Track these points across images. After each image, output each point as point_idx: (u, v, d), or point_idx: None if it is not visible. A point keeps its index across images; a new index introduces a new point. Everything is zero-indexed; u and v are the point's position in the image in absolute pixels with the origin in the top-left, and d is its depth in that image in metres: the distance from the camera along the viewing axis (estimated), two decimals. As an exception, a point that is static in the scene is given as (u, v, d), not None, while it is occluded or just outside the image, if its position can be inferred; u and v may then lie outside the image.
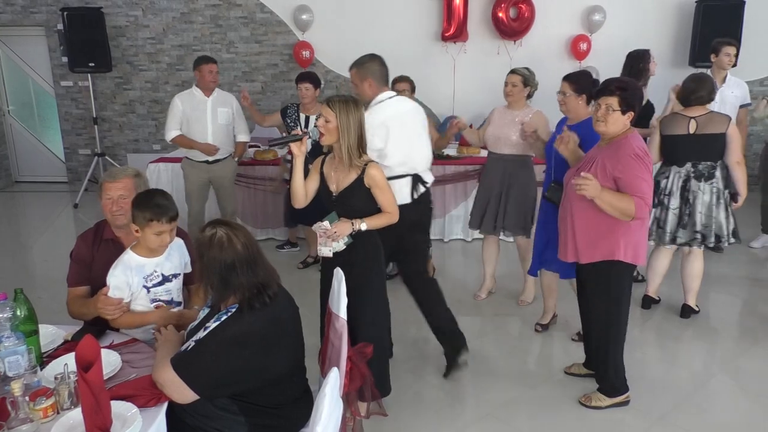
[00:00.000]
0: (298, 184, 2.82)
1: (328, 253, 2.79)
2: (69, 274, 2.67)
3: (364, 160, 2.77)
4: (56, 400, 1.82)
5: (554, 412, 3.14)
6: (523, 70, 4.09)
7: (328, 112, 2.71)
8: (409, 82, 4.51)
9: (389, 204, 2.82)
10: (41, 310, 2.22)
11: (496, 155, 4.22)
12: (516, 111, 4.13)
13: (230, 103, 4.97)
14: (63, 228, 6.72)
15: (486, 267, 4.54)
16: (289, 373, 2.13)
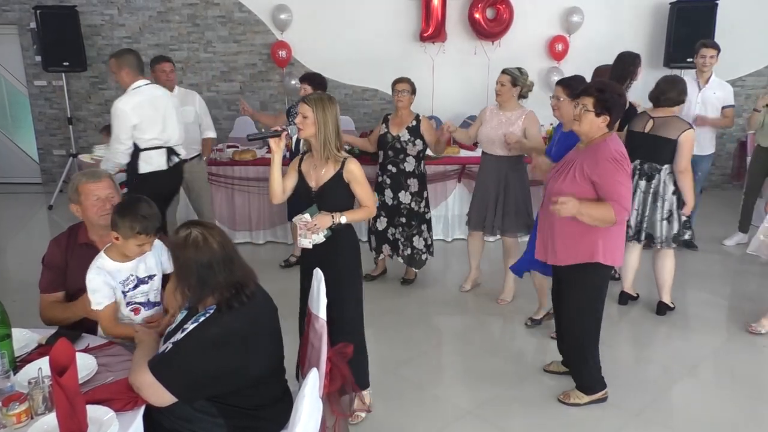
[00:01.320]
0: (276, 179, 2.87)
1: (308, 245, 2.84)
2: (41, 279, 2.62)
3: (342, 155, 2.84)
4: (30, 405, 1.79)
5: (534, 410, 3.16)
6: (513, 70, 4.11)
7: (305, 108, 2.79)
8: (409, 83, 4.49)
9: (367, 198, 2.91)
10: (15, 314, 2.18)
11: (491, 156, 4.24)
12: (508, 112, 4.15)
13: (193, 100, 4.93)
14: (37, 230, 6.59)
15: (472, 260, 4.61)
16: (268, 374, 2.12)
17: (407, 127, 4.43)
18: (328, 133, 2.79)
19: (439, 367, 3.68)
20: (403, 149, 4.44)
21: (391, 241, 4.65)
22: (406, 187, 4.51)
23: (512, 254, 4.33)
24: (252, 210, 5.70)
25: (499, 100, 4.17)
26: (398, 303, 4.48)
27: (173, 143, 4.21)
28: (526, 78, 4.15)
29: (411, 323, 4.18)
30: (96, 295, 2.36)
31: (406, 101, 4.44)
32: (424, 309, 4.41)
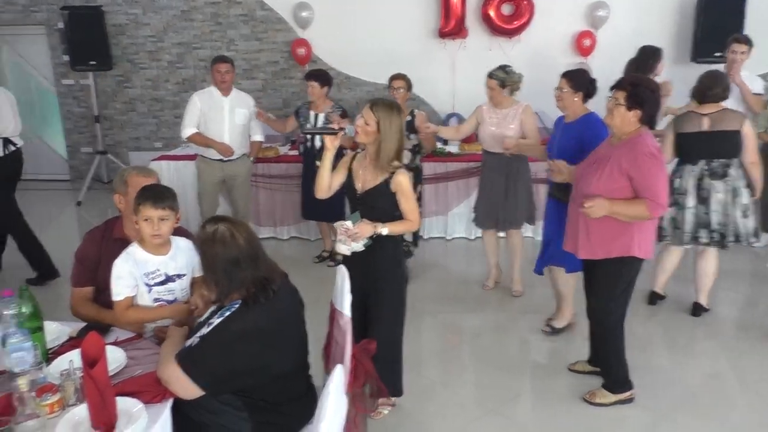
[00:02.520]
0: (325, 175, 2.85)
1: (346, 252, 2.81)
2: (73, 273, 2.67)
3: (394, 165, 2.77)
4: (62, 396, 1.82)
5: (558, 409, 3.14)
6: (498, 73, 4.15)
7: (370, 116, 2.73)
8: (405, 80, 4.53)
9: (411, 212, 2.82)
10: (45, 308, 2.22)
11: (494, 155, 4.26)
12: (504, 109, 4.18)
13: (248, 103, 4.96)
14: (66, 226, 6.72)
15: (490, 258, 4.62)
16: (292, 370, 2.13)
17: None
18: (388, 146, 2.72)
19: (461, 364, 3.67)
20: None
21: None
22: None
23: (518, 246, 4.41)
24: (276, 206, 5.75)
25: (493, 102, 4.23)
26: (417, 300, 4.47)
27: (9, 134, 4.79)
28: (513, 76, 4.17)
29: (431, 321, 4.18)
30: (118, 283, 2.40)
31: (402, 98, 4.51)
32: (444, 306, 4.40)
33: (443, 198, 5.66)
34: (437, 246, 5.66)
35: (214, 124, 4.80)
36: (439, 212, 5.74)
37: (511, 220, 4.31)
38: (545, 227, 3.80)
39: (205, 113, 4.80)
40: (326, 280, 2.99)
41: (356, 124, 2.79)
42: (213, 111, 4.80)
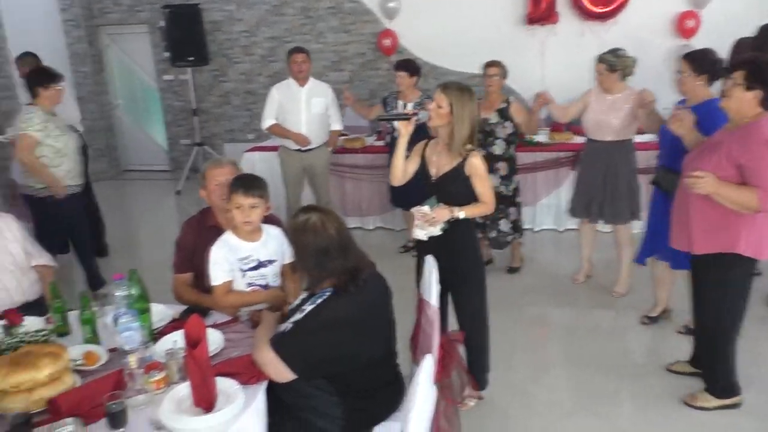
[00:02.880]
0: (399, 161, 2.87)
1: (423, 237, 2.82)
2: (174, 260, 2.82)
3: (467, 148, 2.77)
4: (167, 373, 1.94)
5: (654, 411, 3.00)
6: (607, 56, 3.90)
7: (442, 99, 2.73)
8: (500, 67, 4.41)
9: (486, 194, 2.81)
10: (149, 291, 2.36)
11: (597, 142, 4.06)
12: (615, 95, 3.95)
13: (325, 92, 5.03)
14: (166, 213, 7.13)
15: (583, 251, 4.46)
16: (380, 358, 2.16)
17: (496, 110, 4.35)
18: (461, 128, 2.72)
19: (549, 359, 3.57)
20: (492, 132, 4.37)
21: (479, 224, 4.58)
22: (495, 170, 4.42)
23: (626, 243, 4.15)
24: (362, 196, 5.83)
25: (602, 87, 3.99)
26: (505, 292, 4.40)
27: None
28: (625, 60, 3.90)
29: (518, 313, 4.10)
30: (215, 268, 2.52)
31: (496, 85, 4.38)
32: (531, 299, 4.31)
33: (531, 188, 5.52)
34: (525, 237, 5.51)
35: (291, 115, 4.92)
36: (527, 203, 5.58)
37: (614, 213, 4.08)
38: (650, 217, 3.59)
39: (283, 105, 4.93)
40: (411, 269, 3.01)
41: (429, 107, 2.79)
42: (290, 102, 4.92)
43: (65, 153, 4.02)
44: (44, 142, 3.91)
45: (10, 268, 2.77)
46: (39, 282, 2.88)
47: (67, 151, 4.04)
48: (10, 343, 2.01)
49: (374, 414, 2.16)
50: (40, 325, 2.29)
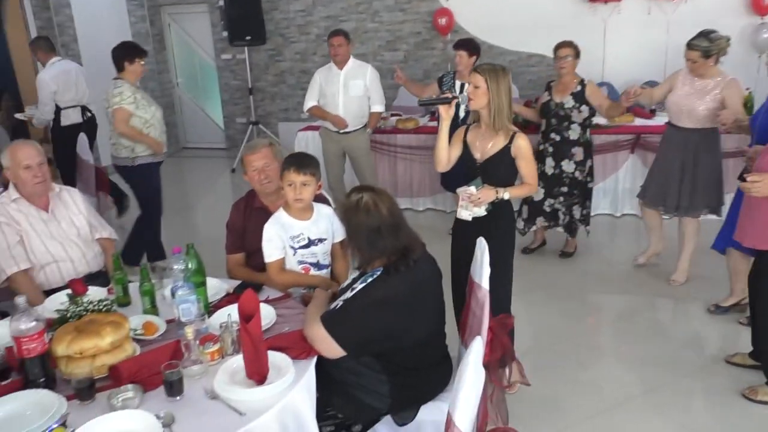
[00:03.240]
0: (442, 146, 2.86)
1: (468, 217, 2.83)
2: (226, 242, 2.90)
3: (513, 128, 2.77)
4: (221, 346, 1.99)
5: (712, 404, 2.91)
6: (700, 42, 3.62)
7: (478, 78, 2.73)
8: (573, 47, 4.22)
9: (531, 175, 2.84)
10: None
11: (678, 129, 3.83)
12: (705, 80, 3.70)
13: (364, 74, 5.01)
14: (221, 191, 7.30)
15: (652, 234, 4.26)
16: (429, 337, 2.16)
17: (571, 93, 4.20)
18: (500, 104, 2.72)
19: (600, 345, 3.50)
20: (567, 117, 4.23)
21: (548, 213, 4.48)
22: (570, 155, 4.31)
23: (692, 233, 3.96)
24: (413, 177, 5.81)
25: (696, 74, 3.71)
26: (557, 277, 4.33)
27: (86, 102, 5.69)
28: (719, 42, 3.62)
29: (570, 298, 4.02)
30: (268, 245, 2.57)
31: (570, 66, 4.20)
32: (585, 284, 4.22)
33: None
34: (579, 222, 5.41)
35: (330, 98, 4.97)
36: (582, 187, 5.47)
37: (687, 206, 3.86)
38: (733, 204, 3.36)
39: (323, 87, 4.98)
40: (462, 251, 2.99)
41: (467, 92, 2.79)
42: (329, 85, 4.96)
43: (152, 123, 4.23)
44: (135, 114, 4.13)
45: (75, 240, 2.89)
46: (102, 255, 3.00)
47: (154, 122, 4.25)
48: (75, 311, 2.11)
49: (421, 393, 2.17)
50: (103, 296, 2.39)
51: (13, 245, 2.71)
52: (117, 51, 4.26)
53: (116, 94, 4.10)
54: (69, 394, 1.79)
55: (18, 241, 2.73)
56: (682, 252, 4.06)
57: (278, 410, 1.75)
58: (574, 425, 2.80)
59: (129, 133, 4.13)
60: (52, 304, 2.37)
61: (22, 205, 2.79)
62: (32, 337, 1.80)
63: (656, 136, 5.05)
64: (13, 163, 2.74)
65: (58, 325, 2.05)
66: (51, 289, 2.74)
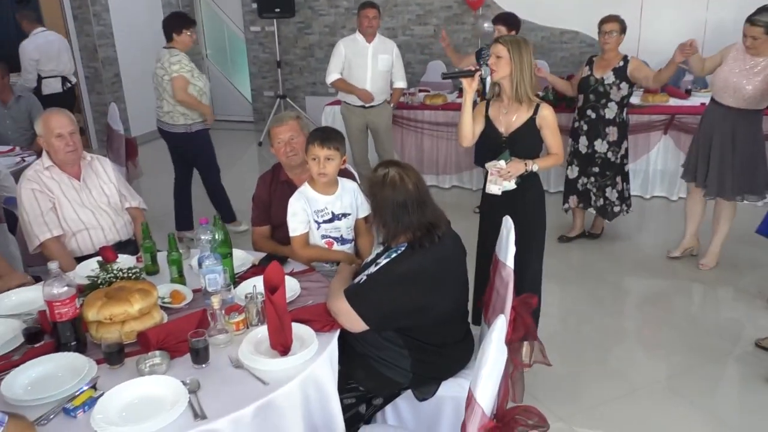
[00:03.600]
0: (466, 121, 2.85)
1: (497, 191, 2.82)
2: (252, 215, 2.92)
3: (536, 99, 2.78)
4: (246, 316, 2.02)
5: (738, 390, 2.88)
6: (762, 17, 3.45)
7: (500, 48, 2.74)
8: (619, 22, 4.09)
9: (557, 145, 2.85)
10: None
11: (721, 106, 3.69)
12: (759, 58, 3.55)
13: (390, 49, 5.01)
14: (248, 164, 7.34)
15: (689, 224, 4.09)
16: (452, 314, 2.16)
17: (613, 69, 4.10)
18: (523, 74, 2.72)
19: (625, 329, 3.47)
20: (606, 93, 4.13)
21: (580, 192, 4.41)
22: (604, 135, 4.21)
23: (726, 218, 3.86)
24: (440, 154, 5.77)
25: (753, 53, 3.55)
26: (585, 258, 4.29)
27: (66, 73, 6.02)
28: None
29: (597, 280, 3.99)
30: (293, 219, 2.58)
31: (614, 42, 4.08)
32: (613, 267, 4.17)
33: (619, 153, 5.28)
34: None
35: (357, 70, 4.91)
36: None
37: (721, 188, 3.74)
38: None
39: (350, 59, 4.92)
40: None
41: (489, 63, 2.78)
42: (357, 57, 4.90)
43: (204, 92, 4.42)
44: (191, 82, 4.29)
45: (105, 208, 2.94)
46: (131, 224, 3.05)
47: (206, 90, 4.44)
48: (105, 278, 2.15)
49: (443, 369, 2.18)
50: (132, 264, 2.43)
51: (46, 212, 2.77)
52: (166, 21, 4.43)
53: (175, 62, 4.23)
54: (99, 358, 1.84)
55: (51, 208, 2.79)
56: (714, 236, 3.98)
57: (301, 381, 1.77)
58: (595, 407, 2.79)
59: (188, 100, 4.26)
60: (83, 271, 2.43)
61: (54, 173, 2.84)
62: (64, 302, 1.85)
63: (691, 117, 4.95)
64: (46, 131, 2.78)
65: (89, 290, 2.09)
66: (82, 256, 2.81)
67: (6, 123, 4.79)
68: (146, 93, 8.08)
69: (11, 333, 1.98)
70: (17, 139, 4.77)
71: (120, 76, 7.66)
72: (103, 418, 1.56)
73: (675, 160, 5.13)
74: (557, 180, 5.39)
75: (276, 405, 1.71)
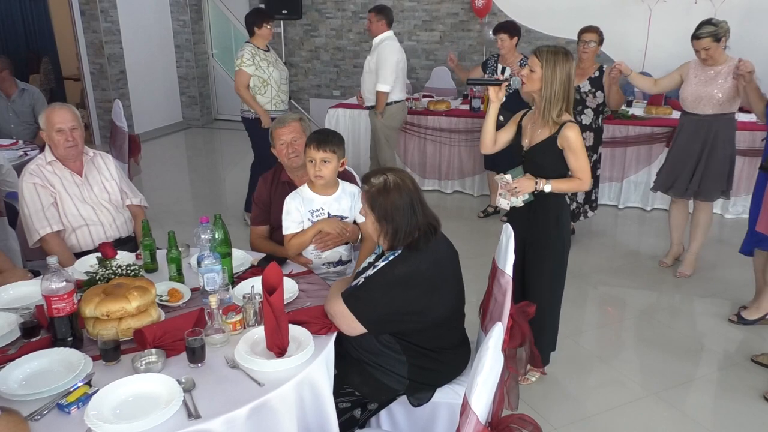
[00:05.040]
0: (489, 128, 2.81)
1: (505, 206, 2.77)
2: (252, 214, 2.93)
3: (562, 119, 2.63)
4: (243, 316, 2.02)
5: (732, 404, 2.86)
6: (706, 29, 3.63)
7: (535, 62, 2.63)
8: (597, 33, 4.20)
9: (582, 170, 2.65)
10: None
11: (696, 116, 3.83)
12: (718, 66, 3.71)
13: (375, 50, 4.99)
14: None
15: (673, 233, 4.26)
16: (449, 317, 2.15)
17: (589, 78, 4.18)
18: (553, 92, 2.58)
19: (621, 341, 3.47)
20: (582, 101, 4.20)
21: None
22: None
23: (704, 223, 3.99)
24: (442, 159, 5.78)
25: (711, 63, 3.71)
26: (582, 267, 4.28)
27: None
28: (723, 24, 3.64)
29: (594, 291, 3.99)
30: (287, 218, 2.59)
31: (591, 52, 4.19)
32: (608, 277, 4.17)
33: (620, 163, 5.29)
34: (608, 214, 5.34)
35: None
36: (613, 178, 5.39)
37: (705, 189, 3.88)
38: (754, 204, 3.38)
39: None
40: (489, 234, 2.97)
41: (522, 73, 2.68)
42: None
43: (269, 83, 4.70)
44: (254, 74, 4.62)
45: (106, 204, 2.95)
46: (131, 221, 3.06)
47: (271, 82, 4.71)
48: (104, 274, 2.15)
49: (439, 375, 2.18)
50: (131, 261, 2.43)
51: (46, 207, 2.78)
52: (248, 18, 4.78)
53: (238, 56, 4.65)
54: (95, 354, 1.84)
55: (52, 203, 2.80)
56: (691, 243, 4.08)
57: (296, 383, 1.77)
58: (590, 417, 2.79)
59: (243, 95, 4.66)
60: (82, 266, 2.43)
61: (57, 168, 2.85)
62: (62, 297, 1.85)
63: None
64: (48, 125, 2.79)
65: (87, 286, 2.10)
66: (82, 252, 2.81)
67: (9, 116, 4.80)
68: (150, 90, 8.15)
69: (8, 327, 1.99)
70: (20, 132, 4.78)
71: (125, 73, 7.68)
72: (96, 414, 1.56)
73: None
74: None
75: (270, 406, 1.70)
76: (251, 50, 4.65)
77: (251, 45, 4.69)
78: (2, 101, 4.78)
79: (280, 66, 4.85)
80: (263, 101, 4.72)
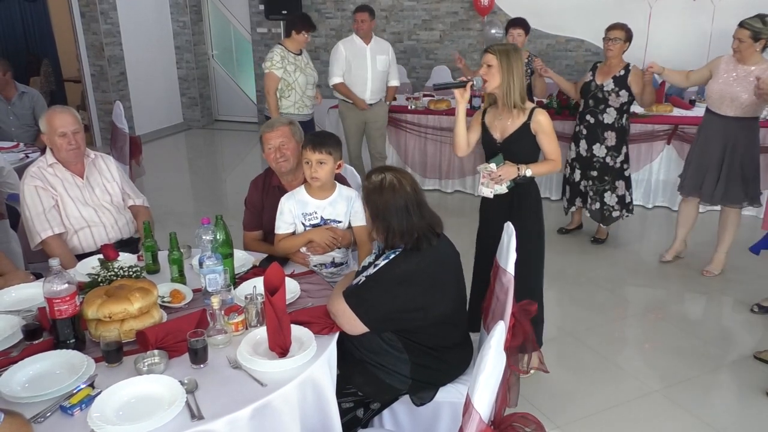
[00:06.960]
0: (461, 131, 2.86)
1: (489, 194, 2.82)
2: (244, 218, 2.91)
3: (529, 105, 2.75)
4: (245, 317, 2.02)
5: (736, 400, 2.86)
6: (753, 22, 3.54)
7: (489, 57, 2.72)
8: (625, 30, 4.13)
9: (553, 151, 2.79)
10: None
11: (718, 116, 3.75)
12: (748, 66, 3.62)
13: (387, 50, 5.18)
14: (251, 165, 7.34)
15: (679, 229, 4.21)
16: (451, 316, 2.16)
17: (613, 77, 4.14)
18: (511, 82, 2.68)
19: (625, 338, 3.47)
20: (605, 99, 4.17)
21: (583, 193, 4.47)
22: (602, 139, 4.27)
23: (732, 225, 3.89)
24: (443, 158, 5.78)
25: (738, 56, 3.64)
26: (587, 264, 4.29)
27: None
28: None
29: (598, 287, 3.98)
30: (279, 218, 2.61)
31: (617, 50, 4.12)
32: (614, 274, 4.17)
33: (622, 161, 5.28)
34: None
35: (358, 71, 5.05)
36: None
37: (728, 195, 3.79)
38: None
39: (350, 61, 5.04)
40: (491, 236, 2.97)
41: (480, 72, 2.76)
42: (357, 59, 5.04)
43: (293, 87, 4.71)
44: (282, 77, 4.64)
45: (108, 206, 2.95)
46: (133, 222, 3.06)
47: (295, 86, 4.71)
48: (106, 276, 2.15)
49: (441, 374, 2.18)
50: (133, 262, 2.44)
51: (48, 209, 2.78)
52: (290, 18, 4.89)
53: (268, 59, 4.66)
54: (97, 356, 1.84)
55: (53, 206, 2.80)
56: (719, 243, 4.00)
57: (298, 383, 1.77)
58: (592, 415, 2.78)
59: (269, 99, 4.67)
60: (83, 268, 2.44)
61: (58, 170, 2.85)
62: (64, 299, 1.85)
63: (694, 127, 4.93)
64: (50, 129, 2.79)
65: (89, 288, 2.10)
66: (84, 254, 2.81)
67: (9, 119, 4.80)
68: (151, 92, 8.16)
69: (10, 329, 1.99)
70: (21, 135, 4.79)
71: (126, 74, 7.69)
72: (100, 416, 1.56)
73: (677, 170, 5.08)
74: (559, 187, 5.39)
75: (273, 407, 1.70)
76: (281, 52, 4.64)
77: (282, 47, 4.68)
78: (2, 104, 4.78)
79: (308, 71, 4.82)
80: (287, 104, 4.72)
